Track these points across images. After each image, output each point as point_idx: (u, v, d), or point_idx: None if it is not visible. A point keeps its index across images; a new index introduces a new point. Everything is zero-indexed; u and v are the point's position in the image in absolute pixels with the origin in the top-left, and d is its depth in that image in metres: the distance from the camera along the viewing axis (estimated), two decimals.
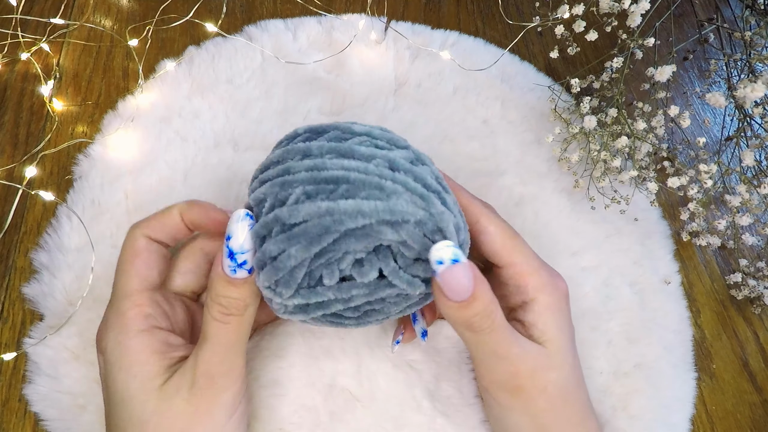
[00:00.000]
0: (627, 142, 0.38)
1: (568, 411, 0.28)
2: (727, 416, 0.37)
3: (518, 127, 0.44)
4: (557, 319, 0.29)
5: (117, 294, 0.27)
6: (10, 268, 0.35)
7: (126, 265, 0.28)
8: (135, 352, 0.26)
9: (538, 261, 0.30)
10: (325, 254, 0.23)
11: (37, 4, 0.45)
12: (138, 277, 0.27)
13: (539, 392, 0.27)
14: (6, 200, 0.37)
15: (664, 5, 0.44)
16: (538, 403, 0.27)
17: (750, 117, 0.41)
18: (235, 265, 0.25)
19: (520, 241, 0.30)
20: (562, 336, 0.29)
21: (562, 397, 0.28)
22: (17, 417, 0.32)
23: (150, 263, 0.28)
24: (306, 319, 0.26)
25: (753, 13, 0.42)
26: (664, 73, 0.36)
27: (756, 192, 0.38)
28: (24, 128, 0.40)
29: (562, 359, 0.28)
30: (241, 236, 0.24)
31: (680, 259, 0.42)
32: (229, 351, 0.26)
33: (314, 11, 0.47)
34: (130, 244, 0.28)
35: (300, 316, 0.26)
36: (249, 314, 0.26)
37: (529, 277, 0.29)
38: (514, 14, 0.51)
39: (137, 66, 0.43)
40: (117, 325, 0.26)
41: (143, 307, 0.27)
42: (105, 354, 0.26)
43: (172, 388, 0.25)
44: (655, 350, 0.37)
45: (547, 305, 0.29)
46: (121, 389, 0.25)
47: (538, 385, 0.27)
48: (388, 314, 0.27)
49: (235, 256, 0.24)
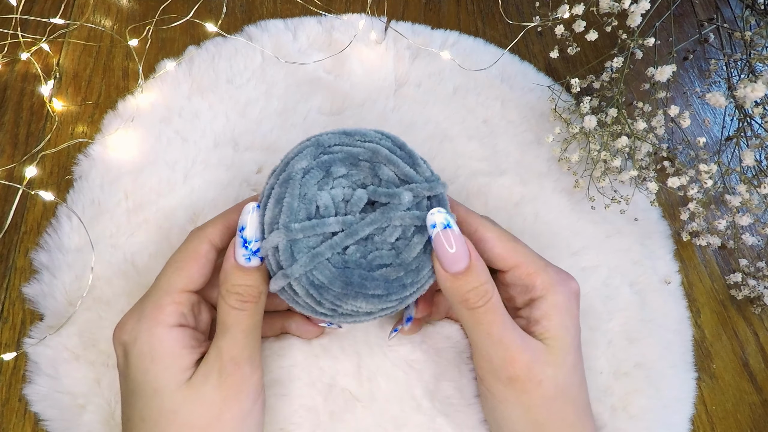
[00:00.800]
0: (627, 142, 0.38)
1: (564, 410, 0.28)
2: (727, 416, 0.37)
3: (518, 127, 0.44)
4: (563, 319, 0.28)
5: (160, 288, 0.28)
6: (10, 268, 0.35)
7: (182, 263, 0.28)
8: (169, 345, 0.26)
9: (544, 261, 0.30)
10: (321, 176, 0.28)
11: (37, 4, 0.45)
12: (188, 279, 0.28)
13: (534, 386, 0.27)
14: (6, 200, 0.37)
15: (664, 5, 0.44)
16: (533, 397, 0.27)
17: (750, 117, 0.41)
18: (249, 253, 0.27)
19: (521, 244, 0.30)
20: (566, 335, 0.28)
21: (558, 395, 0.28)
22: (17, 417, 0.32)
23: (204, 269, 0.29)
24: (318, 274, 0.26)
25: (753, 13, 0.42)
26: (664, 73, 0.36)
27: (756, 192, 0.38)
28: (24, 128, 0.40)
29: (563, 357, 0.28)
30: (252, 224, 0.27)
31: (680, 259, 0.42)
32: (248, 337, 0.27)
33: (314, 11, 0.47)
34: (194, 246, 0.29)
35: (313, 268, 0.27)
36: (263, 301, 0.28)
37: (536, 276, 0.29)
38: (514, 14, 0.51)
39: (137, 66, 0.43)
40: (152, 317, 0.27)
41: (181, 306, 0.28)
42: (135, 344, 0.27)
43: (200, 378, 0.26)
44: (655, 350, 0.37)
45: (555, 303, 0.28)
46: (153, 379, 0.26)
47: (534, 378, 0.27)
48: (391, 263, 0.28)
49: (248, 245, 0.27)
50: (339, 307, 0.27)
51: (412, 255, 0.27)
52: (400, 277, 0.27)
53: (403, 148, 0.29)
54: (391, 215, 0.27)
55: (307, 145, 0.29)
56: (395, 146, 0.29)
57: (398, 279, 0.27)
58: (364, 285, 0.26)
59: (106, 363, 0.32)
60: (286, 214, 0.27)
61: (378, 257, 0.27)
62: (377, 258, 0.27)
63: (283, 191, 0.27)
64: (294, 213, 0.27)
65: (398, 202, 0.28)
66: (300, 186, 0.27)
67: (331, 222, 0.27)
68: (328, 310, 0.27)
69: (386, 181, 0.28)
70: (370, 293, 0.26)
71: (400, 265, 0.27)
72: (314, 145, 0.28)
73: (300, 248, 0.26)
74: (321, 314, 0.28)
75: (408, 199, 0.28)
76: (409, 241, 0.28)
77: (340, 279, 0.26)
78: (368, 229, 0.27)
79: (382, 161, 0.28)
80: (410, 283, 0.27)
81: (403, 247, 0.28)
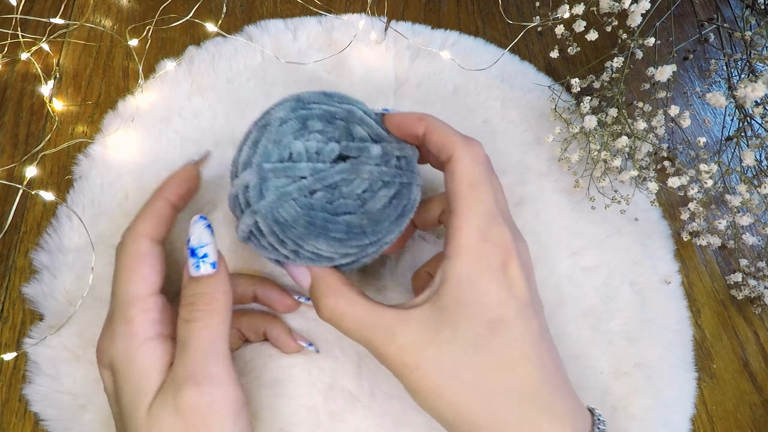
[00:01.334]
0: (627, 142, 0.38)
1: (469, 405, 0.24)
2: (728, 416, 0.37)
3: (518, 127, 0.44)
4: (475, 204, 0.25)
5: (121, 301, 0.26)
6: (10, 268, 0.35)
7: (129, 271, 0.26)
8: (141, 363, 0.24)
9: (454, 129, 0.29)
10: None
11: (37, 4, 0.45)
12: (145, 282, 0.26)
13: (410, 372, 0.24)
14: (6, 200, 0.37)
15: (664, 5, 0.44)
16: (414, 390, 0.25)
17: (750, 117, 0.41)
18: (197, 260, 0.26)
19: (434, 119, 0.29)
20: (480, 244, 0.25)
21: (452, 382, 0.24)
22: (17, 417, 0.32)
23: (155, 266, 0.27)
24: (291, 211, 0.28)
25: (753, 13, 0.42)
26: (664, 72, 0.36)
27: (756, 192, 0.38)
28: (24, 128, 0.40)
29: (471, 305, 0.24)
30: (197, 232, 0.27)
31: (680, 259, 0.42)
32: (207, 353, 0.24)
33: (314, 11, 0.47)
34: (135, 248, 0.27)
35: (284, 203, 0.28)
36: (221, 310, 0.25)
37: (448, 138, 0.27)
38: (515, 14, 0.51)
39: (137, 66, 0.43)
40: (124, 334, 0.25)
41: (151, 313, 0.26)
42: (112, 367, 0.25)
43: (158, 404, 0.24)
44: (655, 350, 0.37)
45: (474, 173, 0.26)
46: (126, 403, 0.24)
47: (409, 363, 0.24)
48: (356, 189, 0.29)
49: (196, 252, 0.26)
50: (301, 248, 0.28)
51: (377, 207, 0.29)
52: (362, 225, 0.28)
53: (378, 114, 0.32)
54: (359, 168, 0.29)
55: (288, 100, 0.31)
56: (370, 111, 0.31)
57: (360, 226, 0.28)
58: (326, 227, 0.28)
59: None
60: (260, 155, 0.29)
61: (343, 205, 0.29)
62: (342, 206, 0.29)
63: (259, 135, 0.29)
64: (267, 155, 0.29)
65: (367, 156, 0.29)
66: (276, 132, 0.29)
67: (302, 167, 0.29)
68: (290, 252, 0.28)
69: (359, 139, 0.30)
70: (331, 235, 0.28)
71: (364, 214, 0.29)
72: (294, 100, 0.30)
73: (269, 187, 0.28)
74: (284, 256, 0.29)
75: (376, 153, 0.29)
76: (375, 194, 0.29)
77: (304, 218, 0.28)
78: (336, 177, 0.29)
79: (356, 121, 0.30)
80: (370, 232, 0.29)
81: (369, 199, 0.29)
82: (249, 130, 0.30)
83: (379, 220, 0.29)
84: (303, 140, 0.30)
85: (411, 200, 0.30)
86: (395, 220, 0.29)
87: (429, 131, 0.28)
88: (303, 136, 0.30)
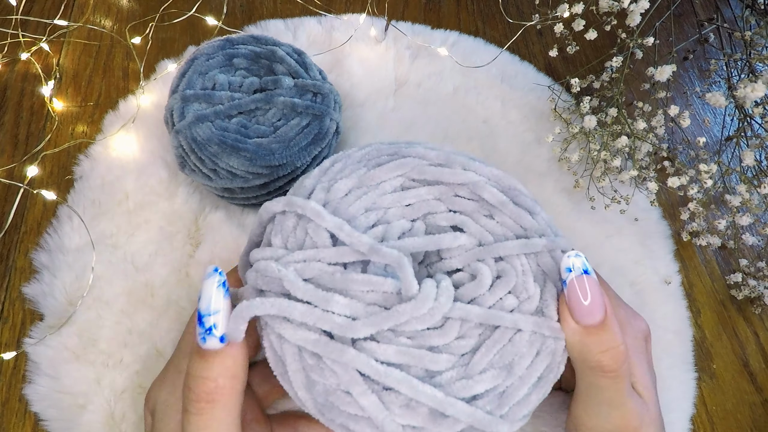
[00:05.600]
0: (627, 141, 0.38)
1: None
2: (728, 416, 0.37)
3: (518, 127, 0.44)
4: (641, 362, 0.26)
5: (181, 350, 0.26)
6: (10, 268, 0.35)
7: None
8: (175, 417, 0.23)
9: (618, 299, 0.28)
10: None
11: (37, 4, 0.45)
12: None
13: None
14: (6, 200, 0.37)
15: (664, 5, 0.44)
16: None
17: (750, 117, 0.40)
18: (203, 331, 0.21)
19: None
20: (653, 383, 0.26)
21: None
22: (17, 417, 0.32)
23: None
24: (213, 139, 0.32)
25: (753, 13, 0.42)
26: (664, 72, 0.36)
27: (756, 192, 0.38)
28: (24, 128, 0.40)
29: (656, 411, 0.25)
30: (208, 293, 0.21)
31: (680, 259, 0.42)
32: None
33: (314, 11, 0.47)
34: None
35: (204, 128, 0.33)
36: (224, 401, 0.21)
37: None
38: (514, 13, 0.51)
39: (137, 66, 0.43)
40: (170, 381, 0.25)
41: None
42: (154, 411, 0.25)
43: None
44: (655, 350, 0.37)
45: (631, 347, 0.26)
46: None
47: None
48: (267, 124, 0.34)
49: (203, 320, 0.21)
50: (217, 166, 0.32)
51: (289, 134, 0.33)
52: (272, 147, 0.32)
53: (301, 55, 0.36)
54: (273, 98, 0.34)
55: (218, 39, 0.36)
56: (294, 53, 0.36)
57: (269, 148, 0.32)
58: (236, 147, 0.32)
59: (106, 363, 0.32)
60: (185, 84, 0.34)
61: (257, 130, 0.33)
62: (256, 131, 0.33)
63: (187, 68, 0.34)
64: (191, 84, 0.34)
65: (281, 87, 0.34)
66: (202, 65, 0.34)
67: (221, 95, 0.34)
68: (210, 171, 0.33)
69: (279, 75, 0.35)
70: (242, 154, 0.32)
71: (275, 137, 0.33)
72: (224, 40, 0.36)
73: (190, 110, 0.33)
74: (206, 176, 0.33)
75: (288, 84, 0.34)
76: (287, 122, 0.34)
77: (218, 138, 0.32)
78: (252, 105, 0.33)
79: (277, 60, 0.35)
80: (279, 153, 0.32)
81: (282, 126, 0.34)
82: (181, 66, 0.35)
83: (290, 145, 0.33)
84: (228, 76, 0.35)
85: (323, 130, 0.34)
86: (305, 147, 0.33)
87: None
88: (229, 72, 0.35)
